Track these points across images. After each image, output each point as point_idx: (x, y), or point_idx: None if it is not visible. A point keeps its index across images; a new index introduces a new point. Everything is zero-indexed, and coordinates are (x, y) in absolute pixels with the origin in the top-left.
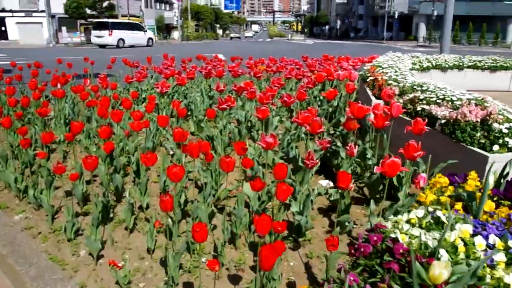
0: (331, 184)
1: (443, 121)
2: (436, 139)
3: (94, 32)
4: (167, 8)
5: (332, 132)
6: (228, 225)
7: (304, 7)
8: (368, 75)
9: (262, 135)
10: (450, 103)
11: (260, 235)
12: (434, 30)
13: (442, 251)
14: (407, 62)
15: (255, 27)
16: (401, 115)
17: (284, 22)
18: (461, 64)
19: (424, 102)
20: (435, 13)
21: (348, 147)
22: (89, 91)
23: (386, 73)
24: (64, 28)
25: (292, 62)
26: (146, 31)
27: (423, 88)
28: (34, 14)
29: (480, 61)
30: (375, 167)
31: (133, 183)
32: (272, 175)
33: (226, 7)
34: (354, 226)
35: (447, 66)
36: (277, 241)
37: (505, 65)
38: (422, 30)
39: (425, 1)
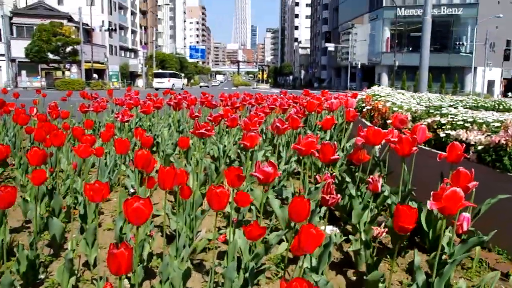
0: (337, 230)
1: (479, 147)
2: (469, 169)
3: (156, 80)
4: (132, 56)
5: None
6: None
7: (268, 58)
8: (363, 105)
9: (257, 163)
10: (484, 126)
11: None
12: (396, 80)
13: None
14: (400, 95)
15: (219, 77)
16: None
17: (248, 72)
18: (443, 102)
19: (448, 127)
20: (397, 63)
21: (370, 180)
22: (35, 120)
23: (388, 100)
24: (24, 72)
25: (270, 96)
26: (182, 78)
27: (443, 112)
28: None
29: (461, 101)
30: (429, 202)
31: (80, 232)
32: (263, 220)
33: (191, 56)
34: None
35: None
36: None
37: (485, 105)
38: (385, 80)
39: (386, 52)
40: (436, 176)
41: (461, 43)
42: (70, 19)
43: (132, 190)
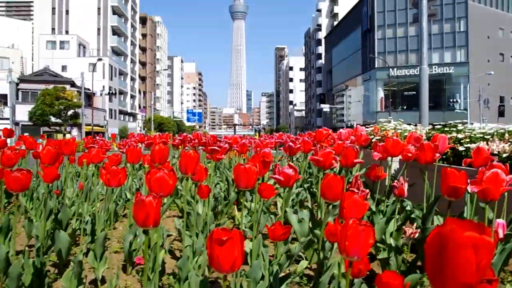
0: None
1: (504, 155)
2: None
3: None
4: (131, 120)
5: None
6: None
7: (264, 121)
8: (372, 136)
9: (277, 166)
10: (507, 134)
11: None
12: None
13: None
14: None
15: None
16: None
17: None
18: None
19: (467, 140)
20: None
21: (395, 184)
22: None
23: (396, 129)
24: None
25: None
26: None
27: (459, 128)
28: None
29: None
30: (469, 186)
31: (85, 256)
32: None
33: (188, 120)
34: None
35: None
36: None
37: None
38: None
39: (381, 112)
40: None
41: (455, 100)
42: (72, 84)
43: None
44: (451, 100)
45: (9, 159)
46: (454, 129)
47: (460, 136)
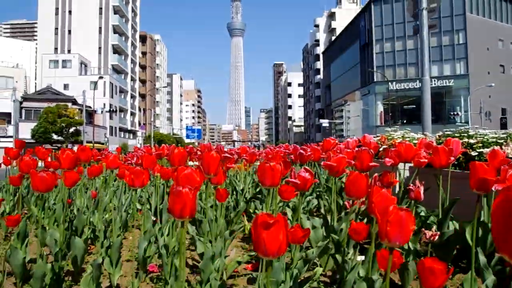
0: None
1: None
2: None
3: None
4: (131, 137)
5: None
6: None
7: (263, 137)
8: (380, 144)
9: (292, 169)
10: None
11: None
12: None
13: None
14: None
15: None
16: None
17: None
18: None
19: (480, 145)
20: None
21: (411, 187)
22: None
23: (405, 137)
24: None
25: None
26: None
27: (470, 133)
28: (2, 139)
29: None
30: (494, 185)
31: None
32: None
33: (188, 137)
34: None
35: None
36: None
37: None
38: None
39: (380, 126)
40: (472, 197)
41: (455, 113)
42: (74, 102)
43: (153, 218)
44: (452, 113)
45: (27, 165)
46: (465, 134)
47: (472, 141)
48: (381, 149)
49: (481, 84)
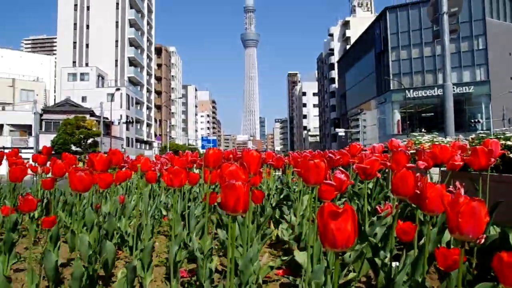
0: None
1: None
2: None
3: None
4: (147, 148)
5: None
6: None
7: (278, 147)
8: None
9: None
10: None
11: None
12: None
13: None
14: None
15: None
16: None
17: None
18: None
19: None
20: None
21: (451, 189)
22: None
23: (436, 141)
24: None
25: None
26: None
27: (507, 135)
28: (23, 150)
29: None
30: None
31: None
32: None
33: (203, 147)
34: None
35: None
36: None
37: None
38: None
39: (398, 134)
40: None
41: (476, 120)
42: (92, 114)
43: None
44: (472, 121)
45: (59, 168)
46: (502, 136)
47: (510, 143)
48: (409, 153)
49: (502, 90)
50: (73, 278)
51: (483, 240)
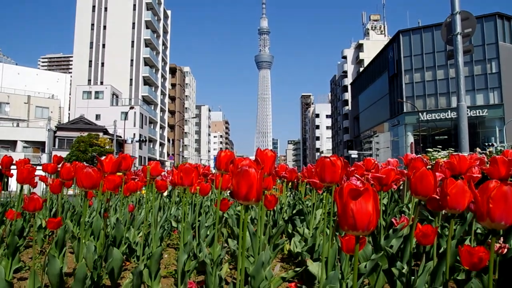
0: None
1: None
2: None
3: None
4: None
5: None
6: None
7: (290, 163)
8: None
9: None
10: None
11: None
12: None
13: None
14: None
15: None
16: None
17: None
18: None
19: None
20: None
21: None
22: None
23: (451, 155)
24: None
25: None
26: None
27: None
28: (37, 167)
29: None
30: None
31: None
32: None
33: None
34: None
35: None
36: None
37: None
38: None
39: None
40: None
41: (490, 144)
42: (105, 132)
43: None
44: (486, 144)
45: (68, 172)
46: None
47: None
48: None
49: None
50: (76, 280)
51: (505, 250)
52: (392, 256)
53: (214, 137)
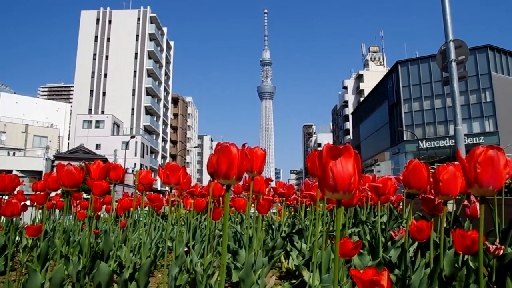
0: None
1: None
2: None
3: None
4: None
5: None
6: None
7: (293, 179)
8: None
9: None
10: None
11: None
12: None
13: None
14: None
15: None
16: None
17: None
18: None
19: None
20: None
21: (466, 203)
22: None
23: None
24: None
25: None
26: None
27: None
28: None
29: None
30: None
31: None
32: None
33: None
34: None
35: None
36: None
37: None
38: None
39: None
40: None
41: None
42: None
43: (185, 249)
44: None
45: (54, 182)
46: None
47: None
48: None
49: (511, 140)
50: (52, 284)
51: (501, 251)
52: (390, 263)
53: None
